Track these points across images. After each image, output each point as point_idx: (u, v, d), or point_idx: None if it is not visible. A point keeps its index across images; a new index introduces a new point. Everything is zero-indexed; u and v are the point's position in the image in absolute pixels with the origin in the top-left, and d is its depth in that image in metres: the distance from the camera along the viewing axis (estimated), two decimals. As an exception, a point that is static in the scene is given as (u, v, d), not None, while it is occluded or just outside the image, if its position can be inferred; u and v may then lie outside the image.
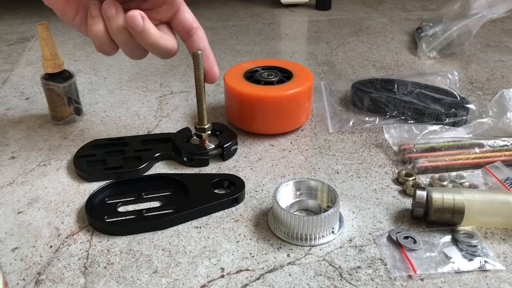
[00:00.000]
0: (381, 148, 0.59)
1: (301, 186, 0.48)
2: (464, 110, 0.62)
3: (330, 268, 0.41)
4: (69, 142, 0.61)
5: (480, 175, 0.52)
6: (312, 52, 0.91)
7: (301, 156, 0.57)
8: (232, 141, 0.57)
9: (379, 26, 1.06)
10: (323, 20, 1.11)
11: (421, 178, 0.52)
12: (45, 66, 0.60)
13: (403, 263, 0.41)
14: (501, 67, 0.83)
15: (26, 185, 0.53)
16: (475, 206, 0.44)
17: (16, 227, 0.46)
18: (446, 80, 0.72)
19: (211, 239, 0.45)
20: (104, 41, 0.47)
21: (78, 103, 0.65)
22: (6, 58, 0.89)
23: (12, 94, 0.74)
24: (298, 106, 0.60)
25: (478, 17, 0.84)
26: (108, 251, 0.43)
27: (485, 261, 0.41)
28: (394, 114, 0.64)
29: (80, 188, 0.52)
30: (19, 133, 0.63)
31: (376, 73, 0.81)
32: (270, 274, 0.41)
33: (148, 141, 0.59)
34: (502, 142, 0.56)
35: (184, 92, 0.74)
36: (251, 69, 0.63)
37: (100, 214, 0.47)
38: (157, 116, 0.67)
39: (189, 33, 0.51)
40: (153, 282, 0.40)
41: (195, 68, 0.51)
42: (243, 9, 1.19)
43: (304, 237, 0.43)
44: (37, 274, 0.41)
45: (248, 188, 0.52)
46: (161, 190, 0.51)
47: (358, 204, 0.49)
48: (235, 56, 0.90)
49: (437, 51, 0.87)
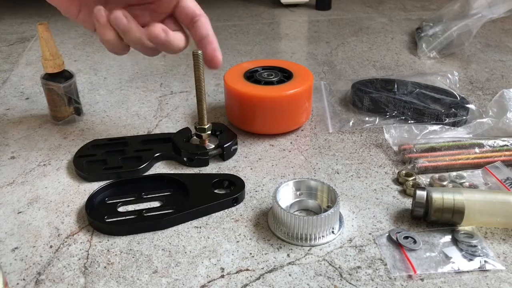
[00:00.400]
0: (381, 148, 0.59)
1: (301, 186, 0.48)
2: (464, 110, 0.62)
3: (330, 268, 0.41)
4: (69, 142, 0.61)
5: (480, 175, 0.52)
6: (312, 52, 0.91)
7: (301, 156, 0.57)
8: (232, 141, 0.57)
9: (379, 26, 1.06)
10: (323, 20, 1.11)
11: (421, 178, 0.52)
12: (45, 66, 0.60)
13: (403, 263, 0.41)
14: (501, 67, 0.83)
15: (26, 185, 0.53)
16: (475, 206, 0.44)
17: (16, 227, 0.46)
18: (446, 80, 0.72)
19: (211, 239, 0.45)
20: (117, 45, 0.47)
21: (78, 103, 0.65)
22: (6, 58, 0.89)
23: (12, 94, 0.74)
24: (298, 106, 0.60)
25: (478, 17, 0.84)
26: (108, 251, 0.43)
27: (485, 261, 0.41)
28: (394, 114, 0.64)
29: (80, 188, 0.52)
30: (19, 133, 0.63)
31: (376, 73, 0.81)
32: (270, 274, 0.41)
33: (148, 141, 0.59)
34: (502, 142, 0.56)
35: (184, 92, 0.74)
36: (251, 69, 0.63)
37: (100, 214, 0.47)
38: (157, 116, 0.67)
39: (193, 21, 0.49)
40: (153, 282, 0.40)
41: (195, 68, 0.51)
42: (243, 9, 1.19)
43: (304, 237, 0.43)
44: (37, 274, 0.41)
45: (248, 188, 0.52)
46: (161, 190, 0.51)
47: (358, 204, 0.49)
48: (235, 56, 0.90)
49: (437, 51, 0.87)
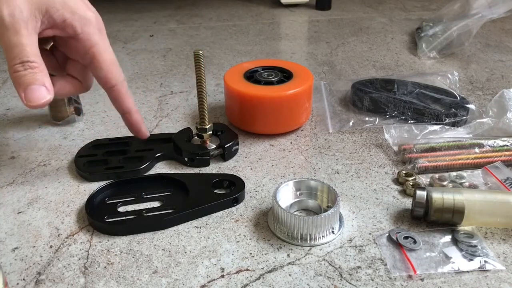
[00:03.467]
0: (381, 148, 0.59)
1: (301, 186, 0.48)
2: (464, 110, 0.62)
3: (330, 268, 0.41)
4: (69, 142, 0.61)
5: (480, 175, 0.52)
6: (312, 52, 0.91)
7: (301, 156, 0.57)
8: (233, 141, 0.56)
9: (379, 26, 1.06)
10: (323, 20, 1.11)
11: (421, 178, 0.52)
12: (45, 66, 0.60)
13: (403, 263, 0.41)
14: (501, 67, 0.83)
15: (26, 185, 0.53)
16: (475, 206, 0.44)
17: (16, 227, 0.46)
18: (446, 80, 0.72)
19: (211, 239, 0.45)
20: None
21: (78, 103, 0.65)
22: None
23: (12, 94, 0.74)
24: (298, 106, 0.60)
25: (478, 17, 0.84)
26: (108, 251, 0.43)
27: (485, 261, 0.41)
28: (394, 114, 0.64)
29: (80, 188, 0.52)
30: (19, 133, 0.63)
31: (376, 73, 0.81)
32: (270, 274, 0.41)
33: (149, 141, 0.59)
34: (502, 142, 0.56)
35: (184, 92, 0.74)
36: (251, 69, 0.63)
37: (100, 214, 0.47)
38: (157, 116, 0.67)
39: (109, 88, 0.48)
40: (153, 282, 0.40)
41: (196, 68, 0.51)
42: (243, 9, 1.19)
43: (304, 237, 0.43)
44: (37, 274, 0.41)
45: (248, 188, 0.52)
46: (161, 190, 0.51)
47: (358, 204, 0.49)
48: (235, 56, 0.90)
49: (437, 51, 0.87)
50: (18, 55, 0.41)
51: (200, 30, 1.04)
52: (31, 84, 0.41)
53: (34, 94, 0.41)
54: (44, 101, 0.41)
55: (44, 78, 0.42)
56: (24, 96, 0.41)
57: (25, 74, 0.41)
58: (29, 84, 0.41)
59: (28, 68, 0.41)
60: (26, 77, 0.41)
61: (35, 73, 0.41)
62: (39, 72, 0.41)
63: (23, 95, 0.41)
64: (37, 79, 0.41)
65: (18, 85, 0.41)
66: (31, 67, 0.41)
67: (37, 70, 0.41)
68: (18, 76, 0.41)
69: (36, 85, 0.41)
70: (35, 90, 0.41)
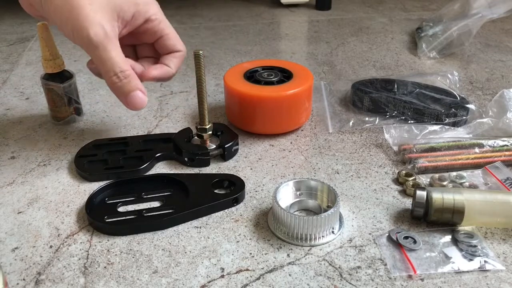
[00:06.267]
0: (381, 148, 0.59)
1: (301, 186, 0.48)
2: (464, 110, 0.62)
3: (330, 268, 0.41)
4: (69, 142, 0.61)
5: (480, 175, 0.52)
6: (312, 52, 0.91)
7: (301, 156, 0.57)
8: (233, 141, 0.56)
9: (379, 26, 1.06)
10: (323, 20, 1.11)
11: (421, 178, 0.52)
12: (45, 66, 0.60)
13: (403, 263, 0.41)
14: (501, 67, 0.83)
15: (26, 185, 0.53)
16: (475, 206, 0.44)
17: (16, 227, 0.46)
18: (446, 80, 0.72)
19: (211, 239, 0.45)
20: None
21: (78, 103, 0.65)
22: (6, 58, 0.89)
23: (12, 94, 0.74)
24: (298, 106, 0.60)
25: (478, 17, 0.84)
26: (108, 251, 0.43)
27: (485, 261, 0.41)
28: (394, 114, 0.64)
29: (80, 188, 0.52)
30: (19, 133, 0.63)
31: (376, 73, 0.81)
32: (270, 274, 0.41)
33: (149, 141, 0.59)
34: (502, 142, 0.56)
35: (184, 92, 0.74)
36: (251, 69, 0.63)
37: (100, 214, 0.47)
38: (157, 116, 0.67)
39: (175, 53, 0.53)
40: (153, 282, 0.40)
41: (196, 68, 0.51)
42: (243, 9, 1.19)
43: (304, 237, 0.43)
44: (37, 274, 0.41)
45: (248, 188, 0.52)
46: (161, 190, 0.51)
47: (358, 204, 0.49)
48: (235, 56, 0.90)
49: (437, 51, 0.87)
50: (111, 68, 0.46)
51: (200, 30, 1.04)
52: (130, 92, 0.47)
53: (135, 101, 0.47)
54: (144, 104, 0.48)
55: (136, 82, 0.47)
56: (127, 104, 0.47)
57: (122, 85, 0.46)
58: (128, 93, 0.47)
59: (123, 78, 0.46)
60: (124, 87, 0.46)
61: (129, 81, 0.46)
62: (132, 79, 0.47)
63: (126, 103, 0.47)
64: (132, 87, 0.47)
65: (118, 95, 0.47)
66: (125, 76, 0.46)
67: (130, 78, 0.46)
68: (116, 87, 0.47)
69: (133, 92, 0.47)
70: (134, 97, 0.47)
